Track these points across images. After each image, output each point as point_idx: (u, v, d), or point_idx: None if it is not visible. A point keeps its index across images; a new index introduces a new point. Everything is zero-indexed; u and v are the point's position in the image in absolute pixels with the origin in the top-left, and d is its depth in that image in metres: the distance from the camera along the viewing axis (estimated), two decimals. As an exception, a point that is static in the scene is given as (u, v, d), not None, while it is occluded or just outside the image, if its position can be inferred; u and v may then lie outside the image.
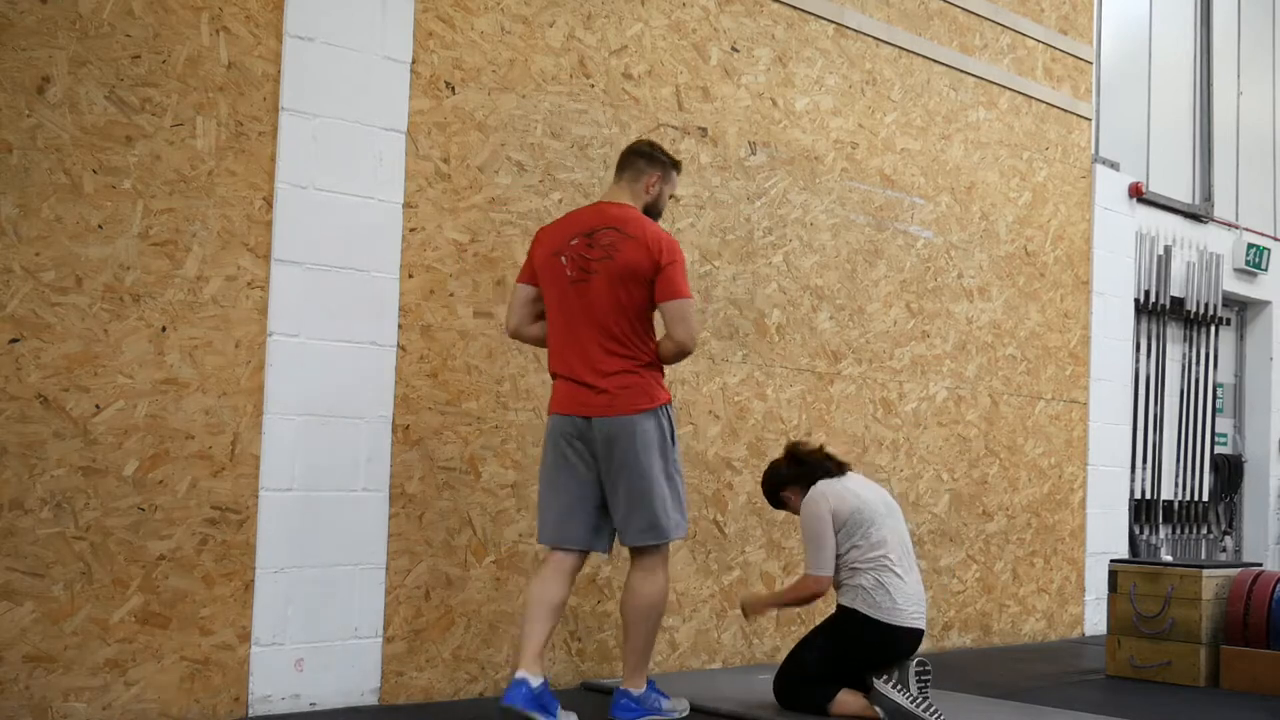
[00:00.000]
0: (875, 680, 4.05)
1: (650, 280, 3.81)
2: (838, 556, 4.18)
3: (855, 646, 4.13)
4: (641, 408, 3.80)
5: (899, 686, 4.03)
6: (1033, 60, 6.72)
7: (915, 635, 4.15)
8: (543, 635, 3.76)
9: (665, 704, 3.99)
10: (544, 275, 3.92)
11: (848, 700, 4.10)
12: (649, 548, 3.88)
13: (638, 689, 3.92)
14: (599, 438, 3.81)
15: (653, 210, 4.04)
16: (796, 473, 4.39)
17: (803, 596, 4.28)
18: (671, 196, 4.22)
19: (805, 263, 5.53)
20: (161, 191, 3.72)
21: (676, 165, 4.12)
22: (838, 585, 4.24)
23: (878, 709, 4.04)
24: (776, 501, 4.52)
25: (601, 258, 3.82)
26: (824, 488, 4.26)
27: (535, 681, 3.63)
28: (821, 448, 4.49)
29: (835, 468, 4.36)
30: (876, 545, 4.15)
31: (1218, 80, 8.63)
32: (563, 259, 3.87)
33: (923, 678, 4.11)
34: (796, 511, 4.38)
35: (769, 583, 5.31)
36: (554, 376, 3.95)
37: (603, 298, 3.81)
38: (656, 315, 3.91)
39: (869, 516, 4.19)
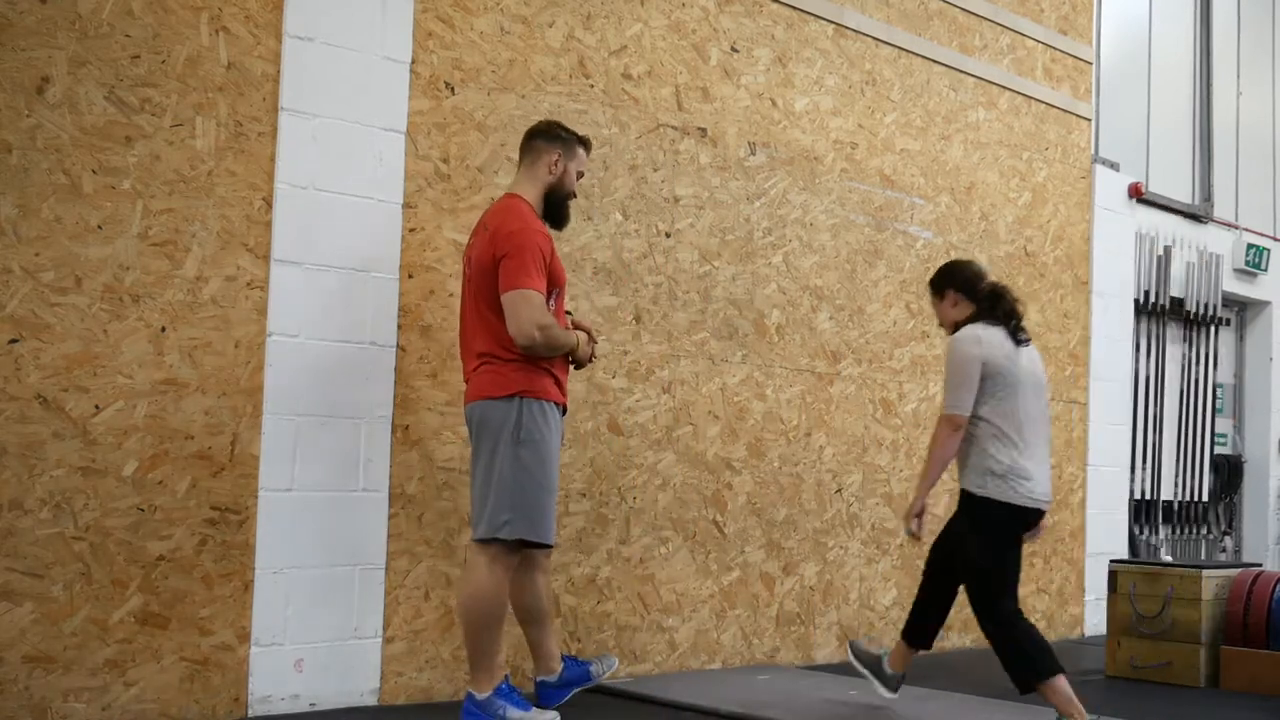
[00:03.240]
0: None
1: (492, 273, 3.68)
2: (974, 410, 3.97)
3: (1001, 527, 3.92)
4: (487, 395, 3.69)
5: None
6: (1032, 60, 6.72)
7: (1038, 513, 3.97)
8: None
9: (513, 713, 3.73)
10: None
11: (1062, 687, 3.82)
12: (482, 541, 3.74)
13: (480, 692, 3.71)
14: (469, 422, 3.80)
15: (559, 190, 3.91)
16: (983, 305, 4.14)
17: (942, 435, 3.99)
18: (580, 174, 4.00)
19: (805, 263, 5.53)
20: (161, 192, 3.72)
21: (582, 141, 3.97)
22: (959, 460, 4.01)
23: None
24: (939, 290, 4.29)
25: (469, 252, 3.86)
26: (978, 332, 4.03)
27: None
28: (1017, 305, 4.19)
29: (1013, 329, 4.10)
30: (1008, 415, 3.95)
31: (1217, 80, 8.63)
32: (465, 259, 3.91)
33: None
34: (940, 322, 4.25)
35: (768, 583, 5.32)
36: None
37: (469, 291, 3.81)
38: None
39: (1014, 378, 3.98)
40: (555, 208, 3.91)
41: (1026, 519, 3.97)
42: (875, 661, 4.32)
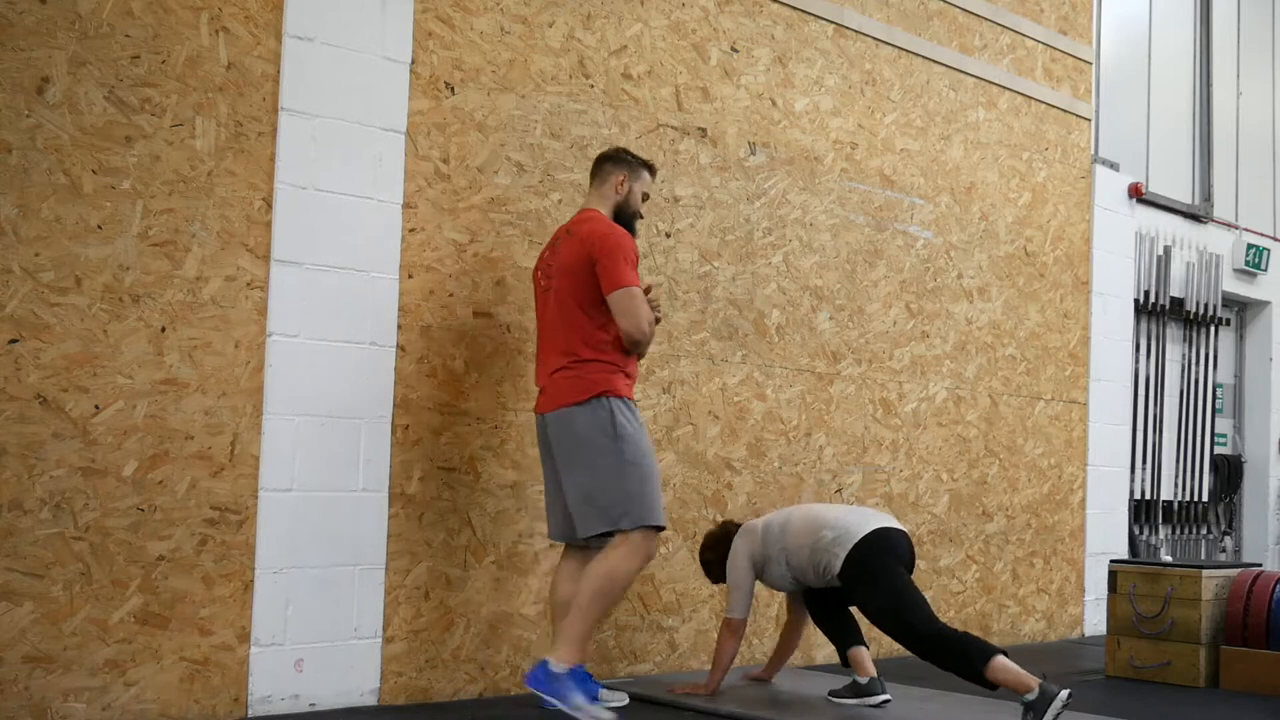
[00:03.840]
0: (1042, 682, 3.83)
1: (592, 271, 3.92)
2: (789, 563, 4.28)
3: (878, 575, 4.10)
4: (565, 402, 3.93)
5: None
6: (1032, 60, 6.72)
7: (891, 532, 4.20)
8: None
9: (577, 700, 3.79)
10: (535, 294, 4.19)
11: (1004, 665, 3.84)
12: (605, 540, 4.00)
13: (558, 663, 3.81)
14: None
15: (625, 209, 4.18)
16: (720, 550, 4.51)
17: (728, 636, 4.34)
18: (646, 196, 4.26)
19: (805, 263, 5.53)
20: (161, 192, 3.72)
21: (647, 165, 4.25)
22: (829, 580, 4.22)
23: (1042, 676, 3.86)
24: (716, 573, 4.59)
25: (554, 259, 4.04)
26: (735, 544, 4.41)
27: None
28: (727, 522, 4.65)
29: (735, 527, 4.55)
30: (795, 528, 4.28)
31: (1217, 81, 8.63)
32: (539, 272, 4.15)
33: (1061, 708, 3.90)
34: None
35: (769, 583, 5.32)
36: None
37: (552, 297, 4.03)
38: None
39: (774, 526, 4.36)
40: (623, 225, 4.15)
41: (889, 543, 4.17)
42: (849, 687, 4.37)
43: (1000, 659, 3.84)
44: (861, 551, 4.12)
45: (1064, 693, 3.75)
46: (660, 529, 3.96)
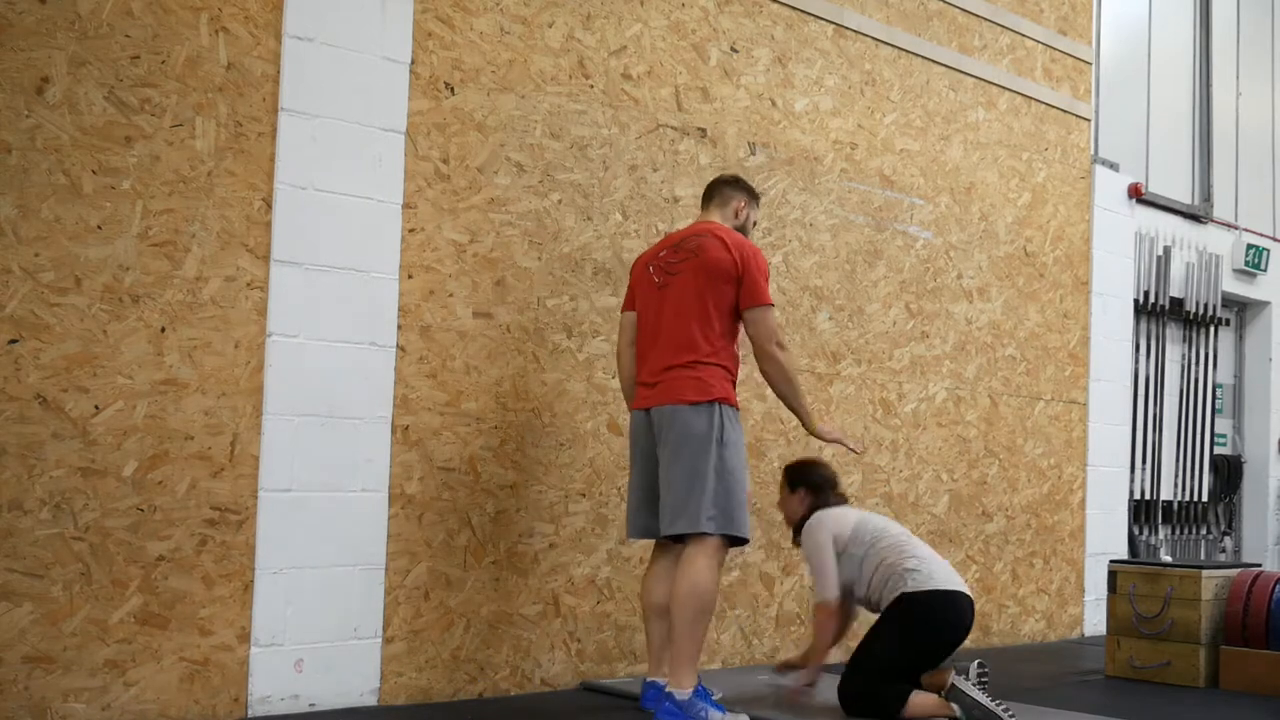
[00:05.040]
0: (954, 677, 3.98)
1: (735, 280, 3.96)
2: (860, 569, 4.21)
3: (916, 627, 4.08)
4: (684, 400, 3.91)
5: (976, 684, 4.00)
6: (1032, 61, 6.73)
7: (967, 599, 4.14)
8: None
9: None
10: (636, 290, 4.19)
11: (921, 701, 3.99)
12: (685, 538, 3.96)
13: (682, 690, 3.79)
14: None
15: (742, 231, 4.24)
16: (815, 497, 4.46)
17: (821, 620, 4.28)
18: (755, 224, 4.40)
19: (804, 263, 5.53)
20: (161, 192, 3.72)
21: (757, 196, 4.38)
22: (876, 601, 4.22)
23: (954, 706, 3.94)
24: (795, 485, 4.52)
25: (686, 258, 4.03)
26: (822, 516, 4.34)
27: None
28: (834, 479, 4.56)
29: (836, 500, 4.48)
30: (896, 549, 4.19)
31: (1217, 81, 8.63)
32: (650, 268, 4.13)
33: (982, 680, 4.07)
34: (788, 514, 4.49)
35: (768, 583, 5.32)
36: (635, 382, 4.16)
37: (678, 292, 4.00)
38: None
39: (877, 530, 4.26)
40: None
41: (955, 614, 4.15)
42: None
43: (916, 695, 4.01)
44: (927, 601, 4.07)
45: (974, 663, 4.05)
46: (744, 542, 3.97)
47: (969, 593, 4.18)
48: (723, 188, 4.29)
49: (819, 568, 4.25)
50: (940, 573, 4.14)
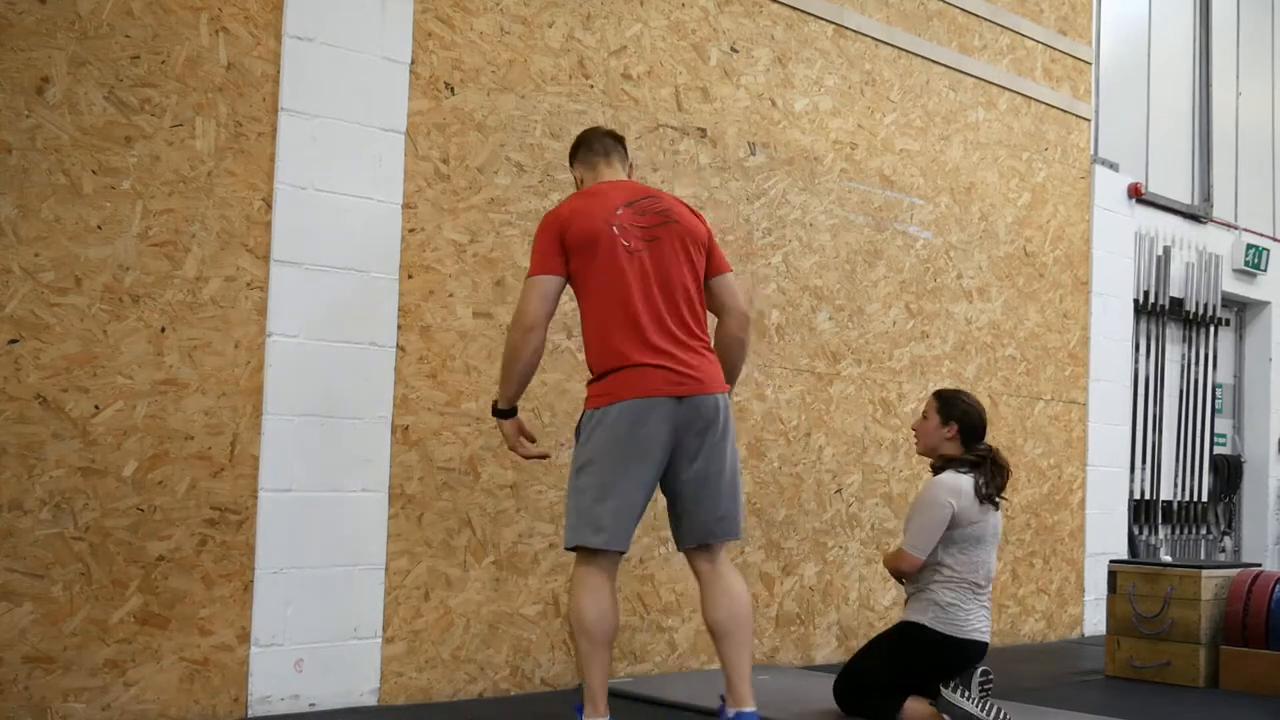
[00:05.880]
0: (943, 688, 3.98)
1: (705, 249, 3.62)
2: (931, 555, 4.10)
3: (922, 659, 4.08)
4: (723, 388, 3.56)
5: (965, 693, 3.98)
6: (1032, 61, 6.73)
7: (982, 646, 4.13)
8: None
9: None
10: (586, 253, 3.49)
11: (915, 708, 4.00)
12: (726, 545, 3.60)
13: (754, 707, 3.52)
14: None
15: None
16: (962, 439, 4.25)
17: (894, 567, 4.19)
18: None
19: (804, 263, 5.53)
20: (161, 192, 3.72)
21: None
22: (910, 593, 4.20)
23: (946, 717, 3.95)
24: (947, 415, 4.30)
25: (659, 222, 3.55)
26: (959, 483, 4.13)
27: None
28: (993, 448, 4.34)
29: (976, 456, 4.24)
30: (974, 566, 4.12)
31: (1217, 81, 8.63)
32: (614, 229, 3.49)
33: (985, 686, 4.08)
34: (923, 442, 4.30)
35: (768, 583, 5.32)
36: (624, 366, 3.46)
37: (671, 258, 3.53)
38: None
39: (979, 534, 4.15)
40: None
41: (958, 657, 4.12)
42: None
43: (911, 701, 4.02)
44: (939, 644, 4.04)
45: (978, 670, 4.06)
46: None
47: (987, 640, 4.14)
48: (619, 146, 3.81)
49: (921, 527, 4.07)
50: (970, 622, 4.08)
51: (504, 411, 3.68)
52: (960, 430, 4.25)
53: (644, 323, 3.46)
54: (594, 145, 3.80)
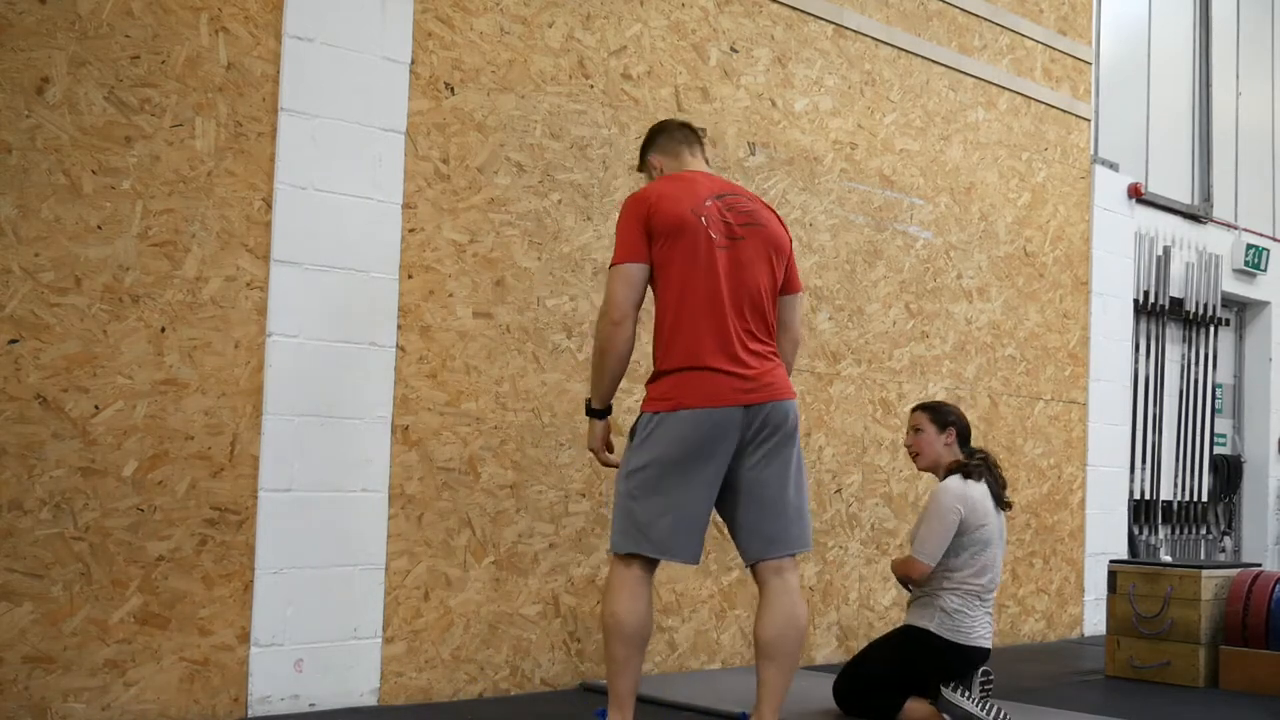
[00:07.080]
0: (943, 688, 4.01)
1: (785, 262, 3.54)
2: (940, 561, 4.11)
3: (925, 663, 4.09)
4: (792, 394, 3.50)
5: (965, 693, 4.00)
6: (1032, 61, 6.73)
7: (985, 653, 4.14)
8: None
9: None
10: (672, 239, 3.35)
11: (915, 708, 4.02)
12: (795, 558, 3.47)
13: None
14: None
15: None
16: (960, 444, 4.28)
17: (903, 574, 4.20)
18: None
19: (804, 263, 5.53)
20: (161, 192, 3.72)
21: None
22: (915, 596, 4.21)
23: (946, 717, 3.98)
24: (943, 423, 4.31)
25: (747, 222, 3.45)
26: (966, 489, 4.15)
27: None
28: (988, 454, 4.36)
29: (976, 461, 4.27)
30: (981, 571, 4.13)
31: (1217, 81, 8.63)
32: (702, 219, 3.36)
33: (986, 686, 4.10)
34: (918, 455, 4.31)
35: (768, 583, 5.32)
36: (693, 367, 3.34)
37: (751, 267, 3.43)
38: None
39: (987, 538, 4.15)
40: None
41: (961, 663, 4.14)
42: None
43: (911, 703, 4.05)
44: (942, 650, 4.05)
45: (979, 671, 4.10)
46: None
47: (990, 646, 4.15)
48: (699, 138, 3.73)
49: (930, 534, 4.07)
50: (975, 629, 4.09)
51: (598, 411, 3.53)
52: (957, 434, 4.29)
53: (719, 321, 3.34)
54: (674, 134, 3.69)
